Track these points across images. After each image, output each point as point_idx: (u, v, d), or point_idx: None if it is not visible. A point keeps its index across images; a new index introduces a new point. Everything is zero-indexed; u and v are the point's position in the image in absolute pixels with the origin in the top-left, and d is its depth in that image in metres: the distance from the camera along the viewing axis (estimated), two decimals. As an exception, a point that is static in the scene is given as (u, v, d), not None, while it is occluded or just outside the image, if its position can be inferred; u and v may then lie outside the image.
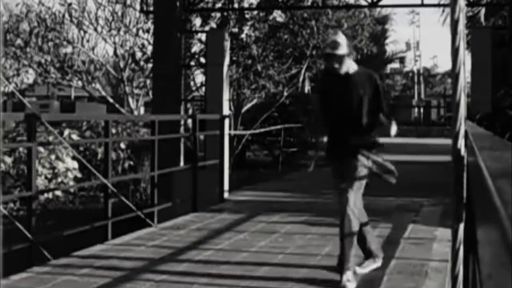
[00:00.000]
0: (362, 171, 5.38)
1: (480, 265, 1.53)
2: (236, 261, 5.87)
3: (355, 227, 5.25)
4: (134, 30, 20.89)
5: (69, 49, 21.78)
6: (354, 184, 5.30)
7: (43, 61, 21.41)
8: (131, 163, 15.71)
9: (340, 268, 5.21)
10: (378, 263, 5.59)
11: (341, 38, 5.38)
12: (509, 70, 12.91)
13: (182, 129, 14.15)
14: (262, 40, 18.17)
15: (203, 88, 15.06)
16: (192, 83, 19.09)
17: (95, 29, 21.07)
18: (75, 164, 14.19)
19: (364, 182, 5.42)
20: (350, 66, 5.38)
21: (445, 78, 57.29)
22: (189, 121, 13.17)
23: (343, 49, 5.29)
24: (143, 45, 20.58)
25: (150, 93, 18.51)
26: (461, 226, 2.85)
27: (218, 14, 18.10)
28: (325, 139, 5.47)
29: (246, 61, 17.53)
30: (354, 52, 5.55)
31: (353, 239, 5.24)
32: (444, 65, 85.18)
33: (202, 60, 16.21)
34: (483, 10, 19.70)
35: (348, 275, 5.12)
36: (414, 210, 9.26)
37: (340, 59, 5.30)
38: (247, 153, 21.70)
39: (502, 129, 11.41)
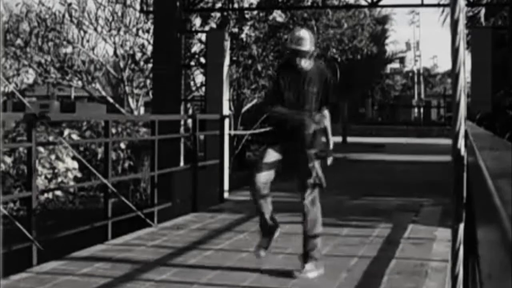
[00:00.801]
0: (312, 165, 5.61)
1: (480, 265, 1.53)
2: (236, 261, 5.87)
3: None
4: (134, 30, 20.89)
5: (69, 49, 21.79)
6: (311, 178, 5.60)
7: (43, 61, 21.41)
8: (131, 163, 15.72)
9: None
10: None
11: (306, 35, 5.52)
12: (509, 70, 12.91)
13: (182, 129, 14.15)
14: (262, 40, 18.16)
15: (203, 88, 15.05)
16: (192, 83, 19.08)
17: (95, 29, 21.07)
18: (75, 164, 14.20)
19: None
20: (309, 61, 5.52)
21: (445, 78, 57.32)
22: (189, 121, 13.17)
23: (307, 46, 5.43)
24: (143, 45, 20.59)
25: (150, 93, 18.52)
26: (461, 226, 2.85)
27: (218, 14, 18.09)
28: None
29: (246, 61, 17.53)
30: (315, 48, 5.68)
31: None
32: (444, 65, 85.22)
33: (202, 60, 16.20)
34: (483, 10, 19.71)
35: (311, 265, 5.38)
36: (414, 210, 9.27)
37: (305, 55, 5.43)
38: (247, 153, 21.69)
39: (502, 129, 11.40)
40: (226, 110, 12.32)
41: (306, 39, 5.44)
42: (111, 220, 6.94)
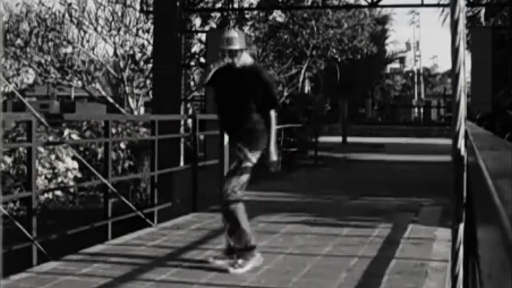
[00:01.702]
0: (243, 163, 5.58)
1: (480, 265, 1.53)
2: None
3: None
4: (134, 30, 20.90)
5: (69, 49, 21.80)
6: (234, 173, 5.59)
7: (43, 61, 21.42)
8: (131, 163, 15.71)
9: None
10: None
11: (235, 34, 5.81)
12: (509, 70, 12.91)
13: (182, 129, 14.16)
14: (262, 40, 18.17)
15: (203, 88, 15.04)
16: (192, 83, 19.09)
17: (95, 29, 21.08)
18: (75, 164, 14.20)
19: (243, 174, 5.61)
20: (245, 60, 5.67)
21: (445, 78, 57.34)
22: (189, 121, 13.17)
23: (237, 45, 5.62)
24: (143, 45, 20.61)
25: (150, 93, 18.52)
26: (461, 226, 2.85)
27: (218, 14, 18.10)
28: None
29: (246, 61, 17.53)
30: (251, 47, 5.94)
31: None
32: (444, 65, 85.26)
33: (202, 60, 16.21)
34: (483, 10, 19.71)
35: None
36: (414, 210, 9.27)
37: (236, 53, 5.61)
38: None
39: (502, 129, 11.40)
40: (226, 110, 12.29)
41: (235, 38, 5.66)
42: (111, 220, 6.94)
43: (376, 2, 14.00)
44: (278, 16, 19.77)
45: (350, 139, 31.93)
